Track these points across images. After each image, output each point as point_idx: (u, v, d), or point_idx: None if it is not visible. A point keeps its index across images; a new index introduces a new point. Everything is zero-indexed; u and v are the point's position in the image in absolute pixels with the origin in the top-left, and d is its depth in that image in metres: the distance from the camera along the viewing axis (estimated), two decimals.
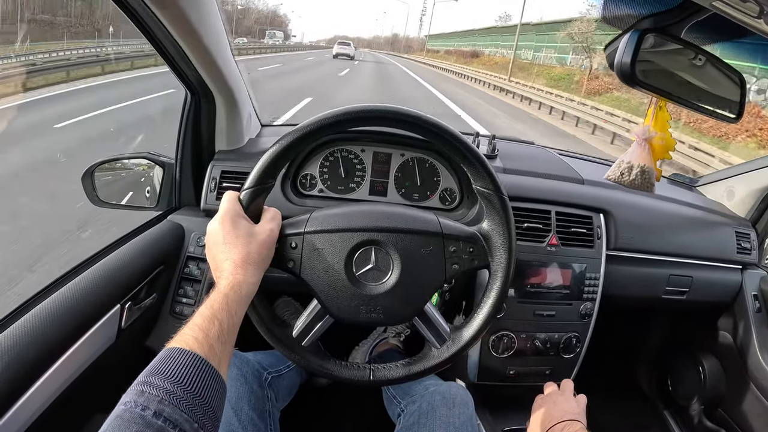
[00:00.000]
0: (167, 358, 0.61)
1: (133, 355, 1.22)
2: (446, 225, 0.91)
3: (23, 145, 6.28)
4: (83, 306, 1.00)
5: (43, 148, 6.17)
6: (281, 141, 0.85)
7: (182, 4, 0.97)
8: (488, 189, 0.89)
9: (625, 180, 1.14)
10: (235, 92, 1.32)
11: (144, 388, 0.57)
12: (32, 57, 11.21)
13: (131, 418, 0.54)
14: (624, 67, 0.92)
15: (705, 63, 0.99)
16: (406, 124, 0.87)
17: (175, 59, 1.17)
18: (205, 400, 0.60)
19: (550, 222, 1.35)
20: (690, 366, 1.71)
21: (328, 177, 1.41)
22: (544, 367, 1.40)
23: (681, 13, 0.89)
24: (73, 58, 12.67)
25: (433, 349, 0.93)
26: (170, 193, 1.40)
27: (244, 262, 0.77)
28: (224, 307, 0.70)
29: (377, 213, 0.90)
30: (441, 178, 1.43)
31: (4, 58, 10.72)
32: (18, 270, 3.17)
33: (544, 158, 1.68)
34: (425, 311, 0.92)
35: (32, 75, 10.24)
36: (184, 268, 1.31)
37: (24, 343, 0.86)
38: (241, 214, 0.83)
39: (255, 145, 1.48)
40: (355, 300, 0.87)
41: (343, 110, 0.86)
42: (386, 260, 0.88)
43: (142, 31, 1.06)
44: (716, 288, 1.56)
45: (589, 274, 1.36)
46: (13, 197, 4.61)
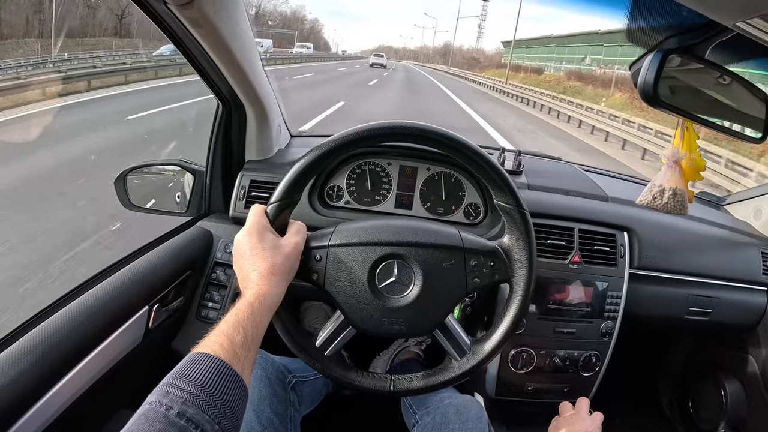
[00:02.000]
0: (192, 362, 0.64)
1: (158, 355, 1.26)
2: (467, 239, 0.93)
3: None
4: (113, 306, 1.04)
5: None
6: (307, 157, 0.88)
7: (215, 21, 1.01)
8: (509, 204, 0.91)
9: (658, 204, 1.13)
10: (265, 104, 1.35)
11: (169, 389, 0.60)
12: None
13: (155, 416, 0.56)
14: (647, 87, 0.92)
15: (730, 82, 0.99)
16: (430, 141, 0.89)
17: (207, 72, 1.22)
18: (227, 403, 0.62)
19: (573, 239, 1.35)
20: (712, 389, 1.68)
21: (355, 189, 1.44)
22: (563, 385, 1.39)
23: (705, 33, 0.90)
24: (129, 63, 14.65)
25: (453, 362, 0.95)
26: (200, 200, 1.45)
27: (269, 273, 0.80)
28: (249, 316, 0.73)
29: (400, 227, 0.92)
30: (466, 192, 1.44)
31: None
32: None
33: (570, 174, 1.67)
34: (446, 324, 0.93)
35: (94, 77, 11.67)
36: (211, 274, 1.35)
37: (55, 338, 0.90)
38: (268, 227, 0.86)
39: (284, 155, 1.52)
40: (378, 312, 0.89)
41: (367, 127, 0.88)
42: (408, 273, 0.90)
43: (177, 46, 1.11)
44: (740, 310, 1.53)
45: (611, 292, 1.35)
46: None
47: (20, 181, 5.05)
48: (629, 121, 14.01)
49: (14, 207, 4.44)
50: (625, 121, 14.27)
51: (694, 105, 1.01)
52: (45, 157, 5.86)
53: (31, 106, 8.50)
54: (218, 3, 0.99)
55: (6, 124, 7.61)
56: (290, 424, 1.12)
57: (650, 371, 2.01)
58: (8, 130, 7.34)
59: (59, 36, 16.65)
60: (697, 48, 0.92)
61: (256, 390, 1.07)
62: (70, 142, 6.76)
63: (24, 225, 3.98)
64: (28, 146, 6.42)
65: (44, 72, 11.19)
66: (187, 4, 0.92)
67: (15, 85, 8.97)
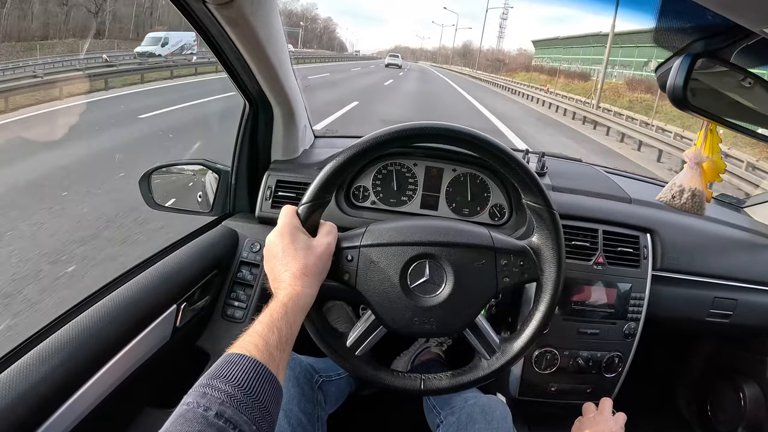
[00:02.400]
0: (228, 363, 0.65)
1: (185, 353, 1.27)
2: (497, 239, 0.93)
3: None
4: (142, 304, 1.05)
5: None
6: (338, 158, 0.89)
7: (253, 21, 1.02)
8: (538, 204, 0.92)
9: (677, 203, 1.14)
10: (293, 104, 1.37)
11: (206, 390, 0.61)
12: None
13: (194, 417, 0.57)
14: (676, 91, 0.92)
15: (754, 85, 0.99)
16: (460, 141, 0.90)
17: (238, 72, 1.23)
18: (263, 403, 0.63)
19: (597, 240, 1.35)
20: (731, 392, 1.67)
21: (381, 189, 1.45)
22: (586, 386, 1.39)
23: (731, 37, 0.90)
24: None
25: (483, 360, 0.95)
26: (225, 200, 1.46)
27: (302, 274, 0.80)
28: (283, 317, 0.74)
29: (431, 227, 0.93)
30: (491, 193, 1.45)
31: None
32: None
33: (592, 176, 1.68)
34: (476, 323, 0.94)
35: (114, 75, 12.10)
36: (237, 273, 1.36)
37: (85, 336, 0.92)
38: (300, 227, 0.87)
39: (309, 156, 1.53)
40: (409, 312, 0.90)
41: (399, 128, 0.89)
42: (440, 273, 0.90)
43: (209, 44, 1.13)
44: (761, 312, 1.52)
45: (634, 293, 1.36)
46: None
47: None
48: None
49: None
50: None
51: (720, 108, 1.02)
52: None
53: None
54: (256, 3, 1.00)
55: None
56: (318, 423, 1.13)
57: (670, 373, 2.01)
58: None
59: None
60: (723, 52, 0.93)
61: (285, 390, 1.07)
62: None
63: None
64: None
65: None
66: (226, 4, 0.93)
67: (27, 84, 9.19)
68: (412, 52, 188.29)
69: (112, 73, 12.81)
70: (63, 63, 14.42)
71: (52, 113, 8.62)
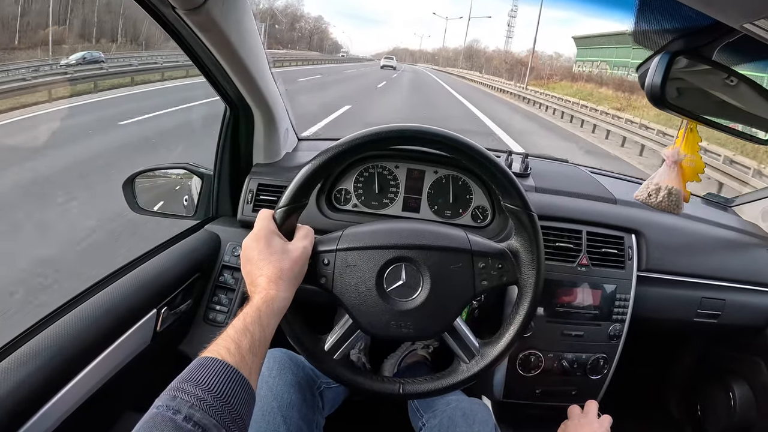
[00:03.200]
0: (200, 367, 0.64)
1: (166, 358, 1.27)
2: (475, 241, 0.93)
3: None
4: (121, 309, 1.04)
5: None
6: (314, 161, 0.88)
7: (224, 26, 1.02)
8: (516, 206, 0.92)
9: (653, 201, 1.14)
10: (272, 107, 1.36)
11: (176, 393, 0.60)
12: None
13: (162, 420, 0.57)
14: (654, 89, 0.92)
15: (737, 84, 0.99)
16: (436, 143, 0.89)
17: (215, 76, 1.23)
18: (234, 407, 0.62)
19: (581, 242, 1.35)
20: (720, 392, 1.67)
21: (363, 192, 1.44)
22: (571, 388, 1.39)
23: (712, 34, 0.90)
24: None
25: (462, 364, 0.95)
26: (208, 203, 1.46)
27: (277, 277, 0.80)
28: (256, 320, 0.73)
29: (408, 230, 0.93)
30: (473, 195, 1.45)
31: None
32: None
33: (577, 177, 1.67)
34: (455, 326, 0.93)
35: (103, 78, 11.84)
36: (219, 277, 1.35)
37: (63, 341, 0.91)
38: (275, 231, 0.87)
39: (292, 159, 1.53)
40: (386, 315, 0.89)
41: (375, 131, 0.89)
42: (416, 277, 0.90)
43: (185, 50, 1.12)
44: (749, 311, 1.52)
45: (619, 295, 1.35)
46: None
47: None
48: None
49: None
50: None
51: (701, 107, 1.01)
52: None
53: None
54: (226, 7, 0.99)
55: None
56: (316, 430, 1.12)
57: (659, 374, 2.00)
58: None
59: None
60: (704, 49, 0.92)
61: (286, 395, 1.06)
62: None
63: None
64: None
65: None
66: (195, 9, 0.92)
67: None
68: (411, 53, 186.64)
69: (100, 75, 12.70)
70: (48, 67, 14.24)
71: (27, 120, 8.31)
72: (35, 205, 4.84)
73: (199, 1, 0.91)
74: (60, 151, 6.86)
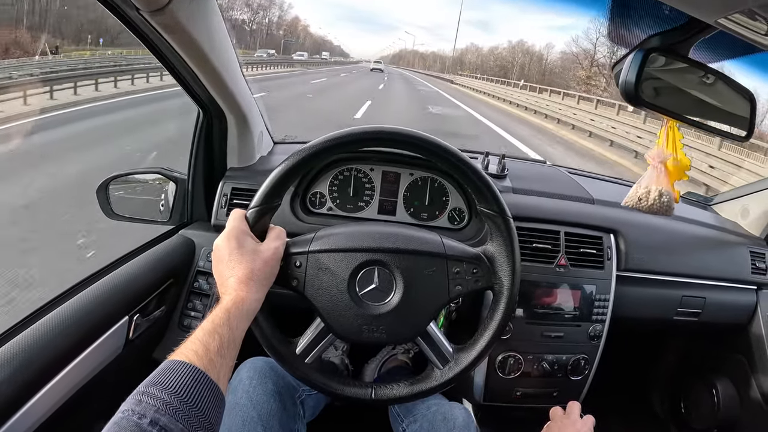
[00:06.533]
0: (167, 370, 0.63)
1: (139, 366, 1.24)
2: (450, 246, 0.92)
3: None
4: (92, 316, 1.03)
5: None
6: (286, 162, 0.87)
7: (189, 27, 1.00)
8: (492, 211, 0.91)
9: (644, 205, 1.14)
10: (245, 111, 1.34)
11: (142, 397, 0.59)
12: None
13: (128, 425, 0.56)
14: (628, 87, 0.91)
15: (714, 81, 0.99)
16: (410, 145, 0.89)
17: (186, 80, 1.21)
18: (202, 411, 0.61)
19: (559, 243, 1.34)
20: (704, 389, 1.67)
21: (338, 195, 1.43)
22: (552, 389, 1.38)
23: (687, 31, 0.89)
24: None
25: (435, 370, 0.93)
26: (182, 208, 1.44)
27: (247, 279, 0.79)
28: (225, 322, 0.72)
29: (381, 233, 0.92)
30: (450, 197, 1.44)
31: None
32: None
33: (555, 178, 1.67)
34: (428, 332, 0.92)
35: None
36: (193, 282, 1.34)
37: (33, 350, 0.89)
38: (247, 232, 0.85)
39: (266, 162, 1.51)
40: (358, 319, 0.88)
41: (345, 132, 0.88)
42: (389, 280, 0.89)
43: (154, 53, 1.10)
44: (730, 309, 1.53)
45: (598, 295, 1.35)
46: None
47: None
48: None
49: None
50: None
51: (678, 105, 1.01)
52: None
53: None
54: (192, 9, 0.97)
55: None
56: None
57: (642, 373, 2.01)
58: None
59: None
60: (680, 47, 0.92)
61: (266, 405, 1.05)
62: None
63: None
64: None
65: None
66: (159, 10, 0.90)
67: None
68: (402, 57, 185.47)
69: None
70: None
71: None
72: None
73: (163, 2, 0.89)
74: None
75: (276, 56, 47.22)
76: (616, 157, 11.85)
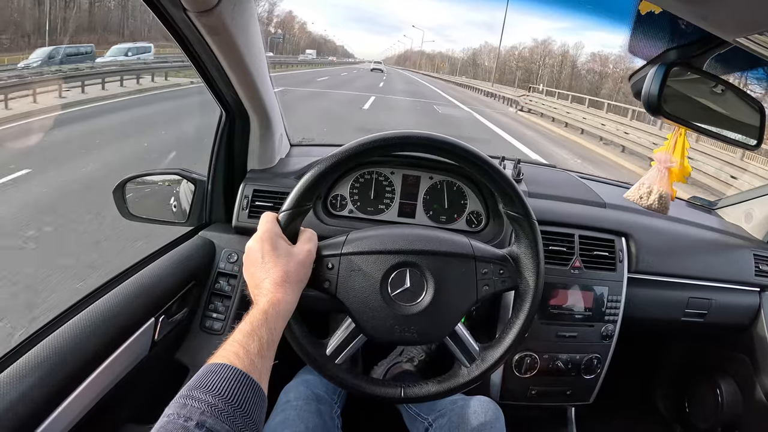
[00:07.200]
0: (209, 373, 0.64)
1: (163, 367, 1.25)
2: (478, 247, 0.94)
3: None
4: (120, 318, 1.03)
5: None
6: (319, 166, 0.88)
7: (233, 29, 1.01)
8: (518, 213, 0.93)
9: (644, 203, 1.19)
10: (270, 113, 1.35)
11: (186, 401, 0.60)
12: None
13: (174, 428, 0.56)
14: (651, 99, 0.95)
15: (725, 92, 1.02)
16: (442, 151, 0.91)
17: (215, 80, 1.22)
18: (246, 411, 0.62)
19: (573, 245, 1.37)
20: (708, 388, 1.71)
21: (358, 198, 1.44)
22: (565, 388, 1.41)
23: (704, 46, 0.92)
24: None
25: (462, 368, 0.96)
26: (201, 209, 1.44)
27: (283, 281, 0.80)
28: (264, 324, 0.73)
29: (412, 236, 0.93)
30: (468, 201, 1.45)
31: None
32: None
33: (567, 182, 1.70)
34: (456, 331, 0.94)
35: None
36: (214, 284, 1.34)
37: (63, 352, 0.89)
38: (280, 234, 0.86)
39: (285, 165, 1.52)
40: (390, 320, 0.90)
41: (383, 136, 0.89)
42: (420, 282, 0.90)
43: (187, 53, 1.11)
44: (734, 310, 1.57)
45: (610, 296, 1.38)
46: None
47: None
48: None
49: None
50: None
51: (692, 114, 1.04)
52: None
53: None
54: (237, 11, 0.98)
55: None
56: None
57: (648, 372, 2.05)
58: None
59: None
60: (696, 60, 0.95)
61: (311, 424, 1.08)
62: None
63: None
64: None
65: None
66: (207, 12, 0.92)
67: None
68: (408, 58, 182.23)
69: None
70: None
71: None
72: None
73: (212, 3, 0.90)
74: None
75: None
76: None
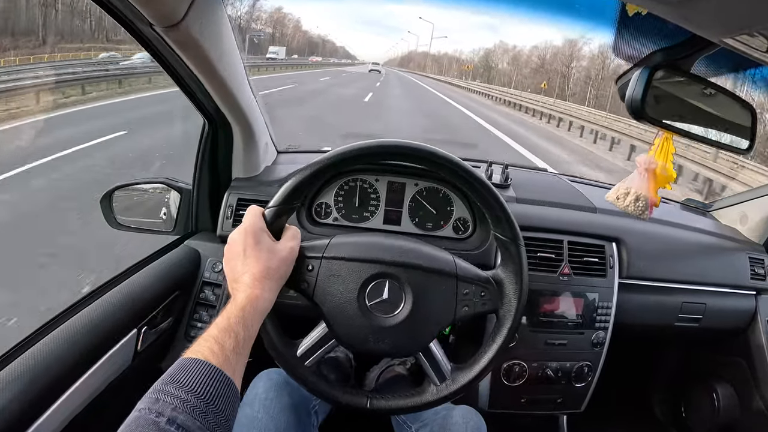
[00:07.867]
0: (183, 368, 0.63)
1: (148, 377, 1.23)
2: (462, 267, 0.92)
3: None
4: (102, 329, 1.02)
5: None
6: (312, 165, 0.88)
7: (202, 42, 1.00)
8: (506, 237, 0.92)
9: (620, 204, 1.16)
10: (251, 122, 1.34)
11: (159, 395, 0.59)
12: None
13: (145, 423, 0.56)
14: (634, 103, 0.93)
15: (715, 94, 1.00)
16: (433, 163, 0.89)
17: (194, 91, 1.21)
18: (219, 408, 0.61)
19: (562, 251, 1.35)
20: (704, 393, 1.69)
21: (343, 206, 1.43)
22: (556, 396, 1.40)
23: (691, 47, 0.91)
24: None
25: (431, 386, 0.94)
26: (187, 219, 1.43)
27: (263, 277, 0.79)
28: (240, 321, 0.72)
29: (395, 247, 0.92)
30: (454, 207, 1.44)
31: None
32: None
33: (557, 186, 1.68)
34: (429, 348, 0.93)
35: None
36: (199, 294, 1.33)
37: (44, 364, 0.89)
38: (264, 229, 0.84)
39: (271, 172, 1.51)
40: (364, 329, 0.89)
41: (375, 143, 0.89)
42: (399, 294, 0.89)
43: (163, 66, 1.10)
44: (730, 314, 1.55)
45: (601, 303, 1.36)
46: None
47: None
48: None
49: None
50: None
51: (680, 118, 1.02)
52: None
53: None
54: (205, 24, 0.98)
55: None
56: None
57: (643, 378, 2.03)
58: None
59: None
60: (683, 62, 0.93)
61: (284, 418, 1.05)
62: None
63: None
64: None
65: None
66: (173, 26, 0.91)
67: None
68: (412, 59, 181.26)
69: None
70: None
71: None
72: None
73: (177, 19, 0.89)
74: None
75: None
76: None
